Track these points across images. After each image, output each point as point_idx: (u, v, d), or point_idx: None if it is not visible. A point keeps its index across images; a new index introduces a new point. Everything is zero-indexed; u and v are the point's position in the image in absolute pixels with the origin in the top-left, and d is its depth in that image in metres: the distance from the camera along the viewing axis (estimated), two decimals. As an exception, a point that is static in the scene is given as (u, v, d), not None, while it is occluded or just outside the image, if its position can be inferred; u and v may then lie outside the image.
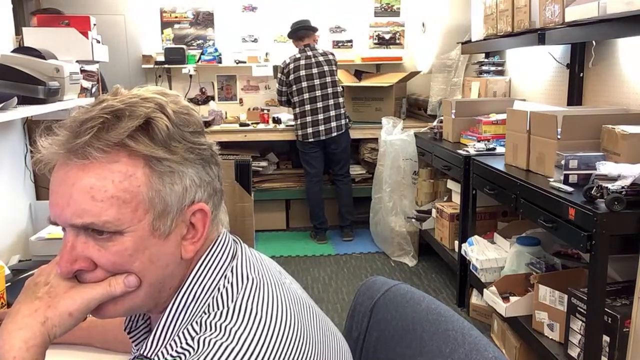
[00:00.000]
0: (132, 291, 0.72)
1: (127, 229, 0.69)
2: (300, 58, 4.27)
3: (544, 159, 2.41)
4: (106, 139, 0.67)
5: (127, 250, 0.69)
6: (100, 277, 0.71)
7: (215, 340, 0.66)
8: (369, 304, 1.00)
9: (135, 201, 0.68)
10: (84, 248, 0.70)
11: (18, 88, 1.68)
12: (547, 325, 2.28)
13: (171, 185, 0.70)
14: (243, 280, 0.75)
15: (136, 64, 4.93)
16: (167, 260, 0.72)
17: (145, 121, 0.69)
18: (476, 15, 3.78)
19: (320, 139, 4.25)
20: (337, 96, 4.29)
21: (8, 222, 1.91)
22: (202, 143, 0.74)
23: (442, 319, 0.88)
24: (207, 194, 0.74)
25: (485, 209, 3.22)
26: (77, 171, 0.68)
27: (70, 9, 4.25)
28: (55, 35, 2.42)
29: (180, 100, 0.75)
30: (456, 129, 3.48)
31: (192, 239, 0.74)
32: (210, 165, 0.75)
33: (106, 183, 0.67)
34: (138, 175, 0.68)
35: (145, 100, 0.71)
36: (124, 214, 0.68)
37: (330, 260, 4.06)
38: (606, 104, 2.78)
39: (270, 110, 4.95)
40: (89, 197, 0.67)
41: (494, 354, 0.79)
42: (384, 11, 5.23)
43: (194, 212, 0.73)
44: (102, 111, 0.69)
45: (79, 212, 0.68)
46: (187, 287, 0.74)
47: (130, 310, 0.75)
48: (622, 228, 1.87)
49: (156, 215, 0.70)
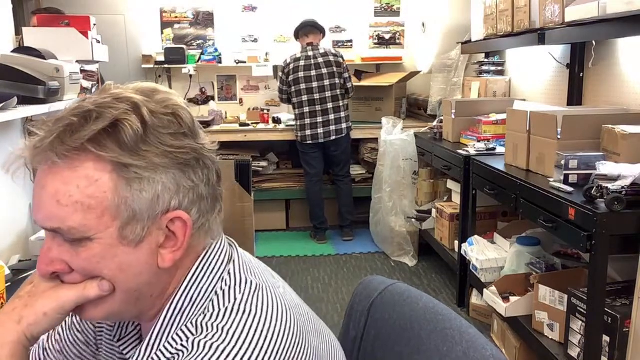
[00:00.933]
0: (109, 296, 0.70)
1: (94, 235, 0.67)
2: (301, 58, 4.24)
3: (544, 159, 2.41)
4: (68, 143, 0.65)
5: (95, 257, 0.68)
6: (77, 279, 0.71)
7: (212, 343, 0.65)
8: (366, 304, 1.00)
9: (101, 208, 0.66)
10: (60, 251, 0.69)
11: (18, 88, 1.68)
12: (547, 325, 2.28)
13: (139, 192, 0.67)
14: (241, 282, 0.73)
15: (136, 64, 4.93)
16: (139, 269, 0.70)
17: (112, 123, 0.65)
18: (476, 15, 3.78)
19: (319, 141, 4.25)
20: (337, 99, 4.23)
21: (8, 222, 1.91)
22: (183, 146, 0.69)
23: (439, 317, 0.88)
24: (189, 200, 0.70)
25: (485, 209, 3.22)
26: (47, 174, 0.67)
27: (70, 9, 4.25)
28: (55, 35, 2.42)
29: (170, 98, 0.71)
30: (456, 129, 3.48)
31: (172, 247, 0.71)
32: (195, 170, 0.70)
33: (71, 188, 0.65)
34: (104, 180, 0.66)
35: (118, 100, 0.67)
36: (89, 220, 0.66)
37: (330, 260, 4.06)
38: (606, 104, 2.78)
39: (270, 110, 4.95)
40: (54, 202, 0.66)
41: (491, 352, 0.79)
42: (384, 11, 5.23)
43: (172, 220, 0.69)
44: (72, 113, 0.66)
45: (48, 216, 0.67)
46: (182, 292, 0.73)
47: (110, 315, 0.74)
48: (622, 228, 1.87)
49: (124, 223, 0.67)
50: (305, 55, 4.24)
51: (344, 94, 4.31)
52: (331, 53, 4.29)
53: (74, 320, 0.92)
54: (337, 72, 4.25)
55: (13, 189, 2.00)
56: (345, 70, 4.31)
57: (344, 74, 4.29)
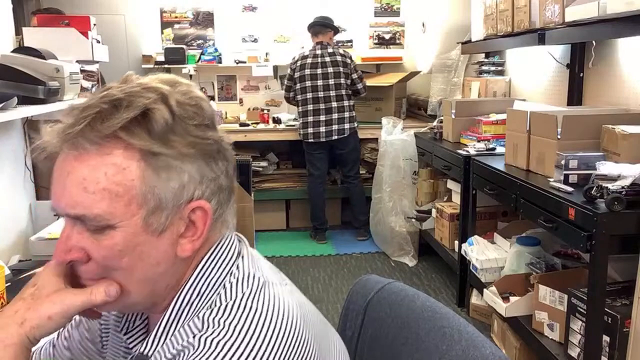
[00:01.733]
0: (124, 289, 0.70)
1: (119, 223, 0.66)
2: (308, 56, 4.25)
3: (544, 159, 2.41)
4: (99, 130, 0.64)
5: (117, 245, 0.67)
6: (92, 270, 0.70)
7: (218, 340, 0.64)
8: (362, 303, 1.00)
9: (128, 195, 0.66)
10: (79, 239, 0.68)
11: (18, 88, 1.68)
12: (547, 325, 2.28)
13: (167, 181, 0.67)
14: (249, 277, 0.73)
15: (136, 64, 4.93)
16: (158, 258, 0.70)
17: (142, 112, 0.65)
18: (476, 15, 3.78)
19: (320, 140, 4.24)
20: (342, 99, 4.23)
21: (8, 222, 1.91)
22: (208, 137, 0.70)
23: (437, 316, 0.88)
24: (210, 191, 0.71)
25: (485, 209, 3.22)
26: (72, 161, 0.66)
27: (70, 9, 4.25)
28: (55, 35, 2.42)
29: (192, 90, 0.72)
30: (456, 129, 3.48)
31: (191, 237, 0.71)
32: (216, 161, 0.71)
33: (99, 175, 0.65)
34: (132, 168, 0.66)
35: (147, 89, 0.68)
36: (116, 208, 0.66)
37: (330, 260, 4.06)
38: (606, 104, 2.78)
39: (270, 110, 4.96)
40: (81, 189, 0.65)
41: (491, 350, 0.79)
42: (384, 11, 5.23)
43: (193, 210, 0.70)
44: (101, 100, 0.66)
45: (72, 203, 0.66)
46: (190, 285, 0.72)
47: (124, 307, 0.74)
48: (622, 228, 1.87)
49: (149, 211, 0.67)
50: (313, 54, 4.25)
51: (349, 95, 4.29)
52: (339, 53, 4.28)
53: (81, 319, 0.92)
54: (343, 72, 4.23)
55: (13, 189, 2.00)
56: (354, 70, 4.30)
57: (352, 74, 4.28)
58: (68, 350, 0.94)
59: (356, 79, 4.31)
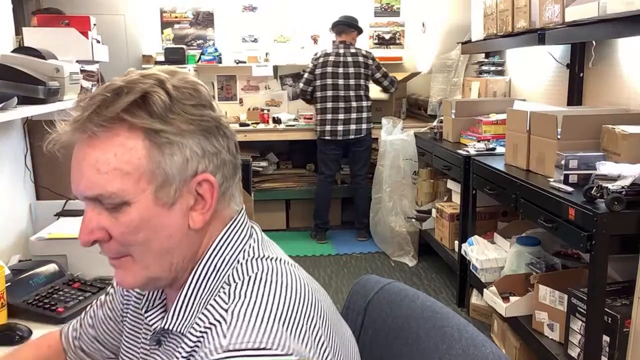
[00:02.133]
0: (145, 263, 0.75)
1: (132, 199, 0.72)
2: (331, 54, 4.27)
3: (544, 159, 2.41)
4: (104, 114, 0.70)
5: (133, 221, 0.73)
6: (114, 248, 0.75)
7: (246, 309, 0.68)
8: (362, 303, 1.01)
9: (137, 173, 0.72)
10: (99, 219, 0.74)
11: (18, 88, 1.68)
12: (547, 325, 2.28)
13: (170, 156, 0.72)
14: (262, 255, 0.78)
15: (136, 64, 4.92)
16: (171, 230, 0.75)
17: (141, 96, 0.71)
18: (476, 15, 3.78)
19: (337, 138, 4.25)
20: (361, 99, 4.26)
21: (8, 222, 1.91)
22: (204, 114, 0.75)
23: (437, 315, 0.88)
24: (214, 165, 0.76)
25: (485, 209, 3.22)
26: (85, 147, 0.72)
27: (70, 9, 4.25)
28: (55, 35, 2.42)
29: (188, 77, 0.77)
30: (456, 129, 3.48)
31: (201, 209, 0.76)
32: (216, 137, 0.76)
33: (109, 156, 0.71)
34: (138, 147, 0.71)
35: (145, 77, 0.74)
36: (127, 185, 0.71)
37: (330, 260, 4.06)
38: (606, 104, 2.78)
39: (270, 110, 4.95)
40: (95, 170, 0.71)
41: (491, 349, 0.79)
42: (384, 11, 5.23)
43: (200, 183, 0.75)
44: (104, 90, 0.73)
45: (89, 185, 0.72)
46: (207, 259, 0.77)
47: (148, 281, 0.78)
48: (622, 228, 1.87)
49: (158, 186, 0.73)
50: (336, 52, 4.27)
51: (367, 96, 4.32)
52: (361, 54, 4.30)
53: (106, 299, 1.01)
54: (363, 73, 4.26)
55: (13, 189, 2.00)
56: (377, 69, 4.31)
57: (374, 74, 4.30)
58: (92, 328, 1.02)
59: (380, 77, 4.33)
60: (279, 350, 0.65)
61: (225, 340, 0.66)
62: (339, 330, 0.80)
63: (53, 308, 1.41)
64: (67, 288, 1.52)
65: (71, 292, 1.50)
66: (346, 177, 4.71)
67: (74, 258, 1.66)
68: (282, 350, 0.65)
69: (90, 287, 1.53)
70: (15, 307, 1.39)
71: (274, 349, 0.65)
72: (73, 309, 1.42)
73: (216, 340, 0.67)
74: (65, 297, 1.46)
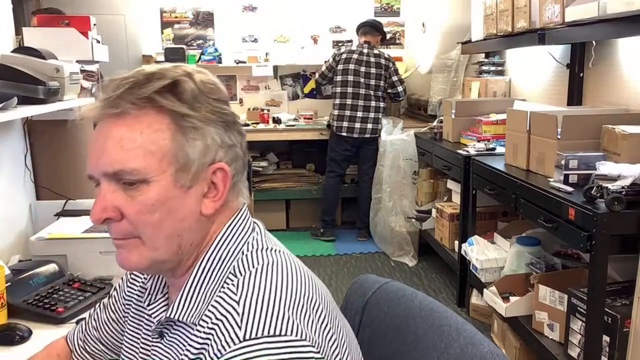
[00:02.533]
0: (153, 244, 0.76)
1: (152, 178, 0.74)
2: (355, 52, 4.33)
3: (544, 159, 2.40)
4: (137, 93, 0.74)
5: (151, 200, 0.74)
6: (124, 228, 0.76)
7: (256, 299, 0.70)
8: (360, 302, 1.01)
9: (161, 153, 0.74)
10: (114, 197, 0.75)
11: (18, 88, 1.68)
12: (547, 325, 2.28)
13: (194, 140, 0.76)
14: (267, 246, 0.81)
15: (136, 64, 4.93)
16: (184, 213, 0.77)
17: (172, 82, 0.76)
18: (476, 15, 3.78)
19: (353, 136, 4.28)
20: (379, 100, 4.31)
21: (8, 222, 1.91)
22: (225, 109, 0.80)
23: (435, 314, 0.88)
24: (229, 157, 0.79)
25: (485, 209, 3.22)
26: (111, 125, 0.75)
27: (70, 9, 4.25)
28: (55, 35, 2.42)
29: (209, 75, 0.82)
30: (456, 129, 3.48)
31: (213, 197, 0.79)
32: (233, 131, 0.80)
33: (135, 134, 0.74)
34: (164, 129, 0.75)
35: (175, 67, 0.79)
36: (149, 164, 0.74)
37: (330, 260, 4.06)
38: (606, 104, 2.78)
39: (270, 110, 4.95)
40: (119, 147, 0.74)
41: (489, 348, 0.79)
42: (384, 11, 5.23)
43: (215, 171, 0.78)
44: (136, 73, 0.76)
45: (111, 161, 0.74)
46: (213, 250, 0.79)
47: (153, 263, 0.79)
48: (622, 228, 1.87)
49: (179, 168, 0.75)
50: (360, 51, 4.33)
51: (384, 98, 4.38)
52: (384, 56, 4.37)
53: (109, 301, 1.02)
54: (383, 75, 4.32)
55: (13, 189, 2.00)
56: (395, 73, 4.38)
57: (392, 77, 4.35)
58: (96, 331, 1.04)
59: (396, 81, 4.39)
60: (293, 336, 0.67)
61: (241, 331, 0.68)
62: (341, 318, 0.83)
63: (53, 308, 1.41)
64: (67, 288, 1.52)
65: (71, 292, 1.50)
66: (350, 176, 4.72)
67: (74, 258, 1.66)
68: (296, 336, 0.68)
69: (90, 287, 1.53)
70: (15, 307, 1.39)
71: (289, 334, 0.67)
72: (73, 309, 1.42)
73: (231, 331, 0.68)
74: (65, 297, 1.46)
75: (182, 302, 0.78)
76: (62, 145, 2.20)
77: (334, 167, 4.41)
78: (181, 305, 0.78)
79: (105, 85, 0.76)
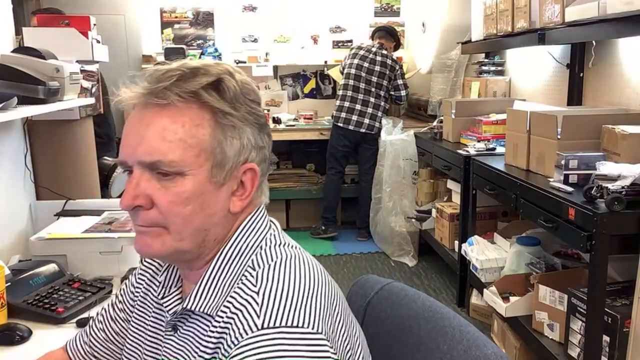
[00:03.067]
0: (180, 234, 0.77)
1: (189, 171, 0.75)
2: (363, 48, 4.40)
3: (544, 159, 2.40)
4: (183, 87, 0.75)
5: (185, 193, 0.75)
6: (153, 217, 0.76)
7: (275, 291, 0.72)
8: (362, 303, 1.01)
9: (199, 147, 0.75)
10: (147, 186, 0.76)
11: (18, 88, 1.67)
12: (547, 325, 2.28)
13: (232, 139, 0.77)
14: (284, 242, 0.83)
15: (136, 64, 4.93)
16: (215, 209, 0.78)
17: (217, 79, 0.77)
18: (476, 15, 3.78)
19: (349, 128, 4.29)
20: (379, 98, 4.33)
21: (8, 222, 1.91)
22: (260, 111, 0.82)
23: (438, 316, 0.88)
24: (259, 158, 0.81)
25: (485, 209, 3.22)
26: (154, 114, 0.75)
27: (70, 9, 4.25)
28: (55, 35, 2.42)
29: (246, 76, 0.83)
30: (456, 129, 3.48)
31: (240, 195, 0.80)
32: (264, 133, 0.82)
33: (177, 127, 0.75)
34: (205, 124, 0.76)
35: (218, 64, 0.80)
36: (188, 157, 0.75)
37: (330, 260, 4.06)
38: (606, 104, 2.78)
39: (270, 110, 4.95)
40: (160, 137, 0.74)
41: (492, 350, 0.79)
42: (384, 11, 5.23)
43: (245, 171, 0.80)
44: (181, 66, 0.77)
45: (150, 150, 0.75)
46: (232, 242, 0.81)
47: (175, 252, 0.79)
48: (622, 228, 1.87)
49: (215, 164, 0.77)
50: (368, 48, 4.40)
51: (386, 98, 4.40)
52: (391, 58, 4.41)
53: (116, 300, 1.02)
54: (388, 75, 4.34)
55: (13, 189, 2.00)
56: (400, 76, 4.40)
57: (397, 79, 4.38)
58: (103, 332, 1.03)
59: (401, 84, 4.40)
60: (309, 329, 0.69)
61: (259, 320, 0.69)
62: (353, 316, 0.85)
63: (53, 308, 1.41)
64: (67, 288, 1.52)
65: (71, 292, 1.50)
66: (350, 176, 4.72)
67: (74, 258, 1.66)
68: (312, 329, 0.69)
69: (90, 287, 1.53)
70: (15, 307, 1.39)
71: (305, 327, 0.69)
72: (73, 309, 1.42)
73: (249, 320, 0.70)
74: (65, 297, 1.46)
75: (200, 293, 0.79)
76: (62, 145, 2.20)
77: (334, 164, 4.42)
78: (199, 296, 0.79)
79: (148, 76, 0.77)
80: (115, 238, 1.67)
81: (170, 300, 0.86)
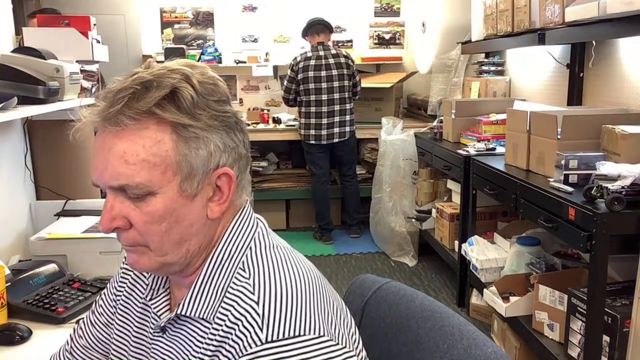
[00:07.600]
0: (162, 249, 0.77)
1: (158, 189, 0.74)
2: (311, 57, 4.19)
3: (544, 159, 2.40)
4: (136, 108, 0.73)
5: (158, 211, 0.75)
6: (133, 237, 0.77)
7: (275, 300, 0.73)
8: (360, 302, 1.00)
9: (164, 164, 0.74)
10: (122, 207, 0.76)
11: (18, 88, 1.68)
12: (547, 325, 2.28)
13: (196, 150, 0.75)
14: (273, 244, 0.83)
15: (136, 64, 4.92)
16: (191, 220, 0.77)
17: (171, 91, 0.74)
18: (476, 15, 3.78)
19: (321, 142, 4.25)
20: (345, 102, 4.23)
21: (8, 222, 1.91)
22: (227, 111, 0.78)
23: (437, 315, 0.88)
24: (232, 159, 0.79)
25: (485, 209, 3.22)
26: (112, 138, 0.74)
27: (70, 9, 4.25)
28: (55, 35, 2.42)
29: (207, 71, 0.80)
30: (456, 129, 3.48)
31: (218, 200, 0.79)
32: (235, 132, 0.79)
33: (137, 148, 0.73)
34: (166, 140, 0.74)
35: (172, 71, 0.76)
36: (154, 176, 0.74)
37: (330, 260, 4.06)
38: (606, 104, 2.78)
39: (270, 110, 4.95)
40: (122, 161, 0.73)
41: (492, 349, 0.79)
42: (384, 11, 5.23)
43: (219, 176, 0.78)
44: (133, 82, 0.74)
45: (115, 175, 0.74)
46: (222, 246, 0.81)
47: (162, 266, 0.80)
48: (622, 228, 1.87)
49: (183, 178, 0.75)
50: (316, 55, 4.20)
51: (351, 97, 4.31)
52: (342, 54, 4.27)
53: (95, 307, 1.00)
54: (347, 74, 4.23)
55: (13, 189, 2.00)
56: (357, 72, 4.33)
57: (355, 76, 4.30)
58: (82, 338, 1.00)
59: (358, 79, 4.34)
60: (311, 334, 0.71)
61: (262, 333, 0.70)
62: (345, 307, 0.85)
63: (53, 308, 1.41)
64: (67, 288, 1.52)
65: (71, 292, 1.50)
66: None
67: (74, 258, 1.66)
68: (314, 334, 0.71)
69: (90, 287, 1.53)
70: (15, 307, 1.39)
71: (308, 334, 0.70)
72: (73, 309, 1.42)
73: (252, 332, 0.71)
74: (65, 297, 1.46)
75: (193, 299, 0.79)
76: (62, 145, 2.20)
77: (314, 169, 4.36)
78: (193, 300, 0.79)
79: (103, 97, 0.75)
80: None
81: (158, 302, 0.86)
